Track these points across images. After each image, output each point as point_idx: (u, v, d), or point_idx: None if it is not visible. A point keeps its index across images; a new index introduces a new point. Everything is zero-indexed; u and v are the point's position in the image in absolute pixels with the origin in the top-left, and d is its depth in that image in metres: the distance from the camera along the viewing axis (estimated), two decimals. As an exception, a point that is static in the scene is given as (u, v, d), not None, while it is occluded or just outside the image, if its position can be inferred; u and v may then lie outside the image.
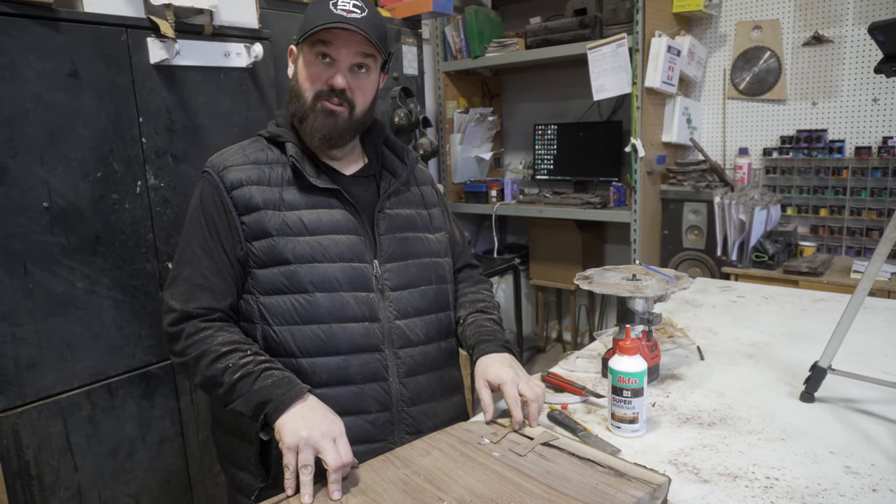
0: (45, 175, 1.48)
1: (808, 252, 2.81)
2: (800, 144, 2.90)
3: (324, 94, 1.14)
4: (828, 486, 0.94)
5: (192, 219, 1.17)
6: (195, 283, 1.12)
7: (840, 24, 2.80)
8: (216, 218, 1.14)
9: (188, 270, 1.13)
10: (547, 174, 3.72)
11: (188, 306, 1.10)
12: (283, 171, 1.17)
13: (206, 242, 1.13)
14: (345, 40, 1.12)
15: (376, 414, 1.15)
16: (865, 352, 1.43)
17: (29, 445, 1.49)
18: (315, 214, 1.14)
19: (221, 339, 1.08)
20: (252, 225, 1.13)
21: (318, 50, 1.13)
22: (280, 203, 1.14)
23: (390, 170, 1.26)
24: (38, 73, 1.46)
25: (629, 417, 1.11)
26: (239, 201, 1.13)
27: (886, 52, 1.05)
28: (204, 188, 1.17)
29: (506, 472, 0.94)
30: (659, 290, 1.29)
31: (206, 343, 1.07)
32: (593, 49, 2.94)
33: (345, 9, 1.11)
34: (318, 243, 1.13)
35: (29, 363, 1.48)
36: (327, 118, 1.15)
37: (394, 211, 1.23)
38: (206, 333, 1.09)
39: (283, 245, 1.12)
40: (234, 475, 1.19)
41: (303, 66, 1.16)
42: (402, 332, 1.18)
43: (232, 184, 1.14)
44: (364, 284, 1.15)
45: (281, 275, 1.12)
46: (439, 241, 1.29)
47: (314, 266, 1.12)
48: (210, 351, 1.06)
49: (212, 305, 1.12)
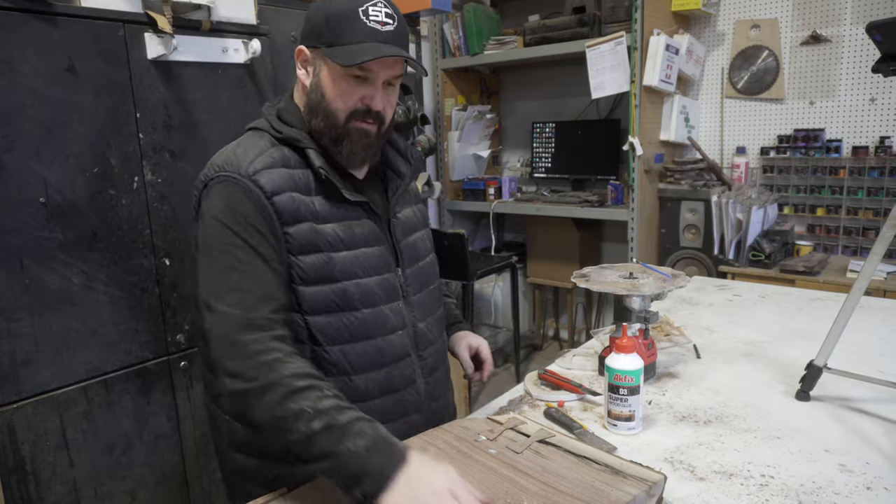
0: (42, 170, 1.48)
1: (804, 251, 2.81)
2: (797, 144, 2.90)
3: (359, 113, 1.06)
4: (823, 484, 0.94)
5: (220, 226, 0.99)
6: (249, 290, 0.95)
7: (838, 23, 2.80)
8: (257, 223, 0.99)
9: (234, 276, 0.96)
10: (545, 172, 3.72)
11: (250, 314, 0.94)
12: (308, 177, 1.06)
13: (250, 248, 0.98)
14: (383, 61, 1.03)
15: (412, 416, 1.16)
16: (861, 351, 1.43)
17: (25, 441, 1.49)
18: (348, 227, 1.08)
19: (294, 368, 0.91)
20: (298, 237, 1.02)
21: (352, 70, 1.03)
22: (316, 214, 1.04)
23: (393, 169, 1.21)
24: (35, 68, 1.45)
25: (625, 415, 1.11)
26: (283, 209, 1.01)
27: (884, 51, 1.05)
28: (231, 193, 1.00)
29: (502, 470, 0.94)
30: (656, 289, 1.29)
31: (276, 371, 0.89)
32: (592, 47, 2.94)
33: (378, 20, 1.01)
34: (356, 258, 1.07)
35: (25, 359, 1.48)
36: (362, 138, 1.07)
37: (402, 214, 1.20)
38: (274, 356, 0.91)
39: (334, 261, 1.04)
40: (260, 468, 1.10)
41: (330, 82, 1.05)
42: (424, 335, 1.18)
43: (272, 189, 1.01)
44: (394, 294, 1.13)
45: (332, 293, 1.04)
46: (429, 235, 1.29)
47: (359, 283, 1.07)
48: (281, 384, 0.88)
49: (275, 317, 0.96)
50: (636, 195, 2.92)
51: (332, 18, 1.02)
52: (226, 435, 1.14)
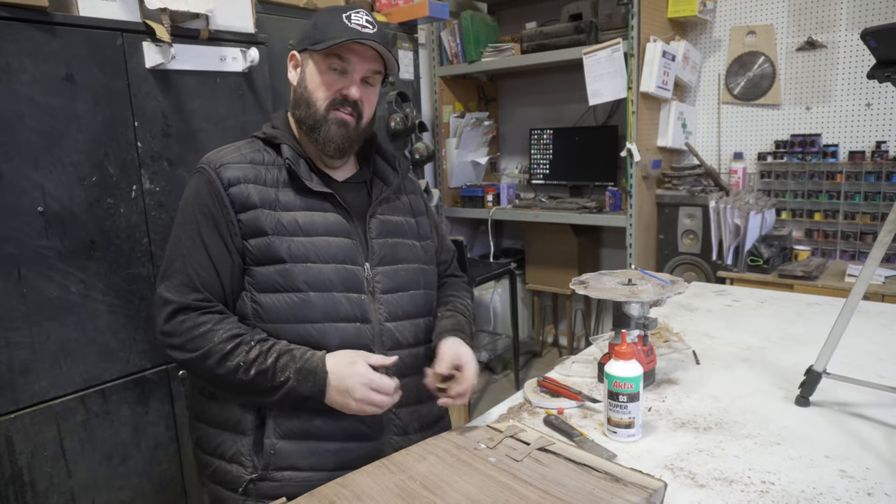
0: (40, 179, 1.48)
1: (802, 256, 2.82)
2: (794, 149, 2.91)
3: (337, 102, 1.17)
4: (823, 490, 0.94)
5: (185, 213, 1.17)
6: (189, 275, 1.12)
7: (833, 29, 2.81)
8: (213, 211, 1.14)
9: (179, 263, 1.14)
10: (543, 178, 3.72)
11: (186, 298, 1.11)
12: (279, 172, 1.18)
13: (200, 236, 1.14)
14: (360, 55, 1.16)
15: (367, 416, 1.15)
16: (860, 356, 1.43)
17: (22, 451, 1.48)
18: (309, 216, 1.16)
19: (222, 333, 1.08)
20: (248, 223, 1.14)
21: (332, 62, 1.16)
22: (276, 203, 1.15)
23: (382, 177, 1.30)
24: (34, 77, 1.45)
25: (625, 422, 1.11)
26: (236, 198, 1.14)
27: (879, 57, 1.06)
28: (199, 184, 1.17)
29: (502, 478, 0.94)
30: (654, 295, 1.29)
31: (209, 340, 1.08)
32: (589, 54, 2.95)
33: (359, 23, 1.15)
34: (312, 244, 1.15)
35: (22, 368, 1.47)
36: (340, 128, 1.18)
37: (385, 217, 1.26)
38: (206, 328, 1.09)
39: (278, 244, 1.13)
40: (219, 469, 1.17)
41: (314, 75, 1.18)
42: (392, 334, 1.19)
43: (229, 181, 1.14)
44: (356, 286, 1.17)
45: (276, 273, 1.13)
46: (426, 248, 1.32)
47: (308, 266, 1.13)
48: (215, 350, 1.07)
49: (208, 297, 1.12)
50: (634, 201, 2.93)
51: (318, 23, 1.18)
52: (191, 408, 1.30)
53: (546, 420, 1.20)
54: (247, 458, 1.13)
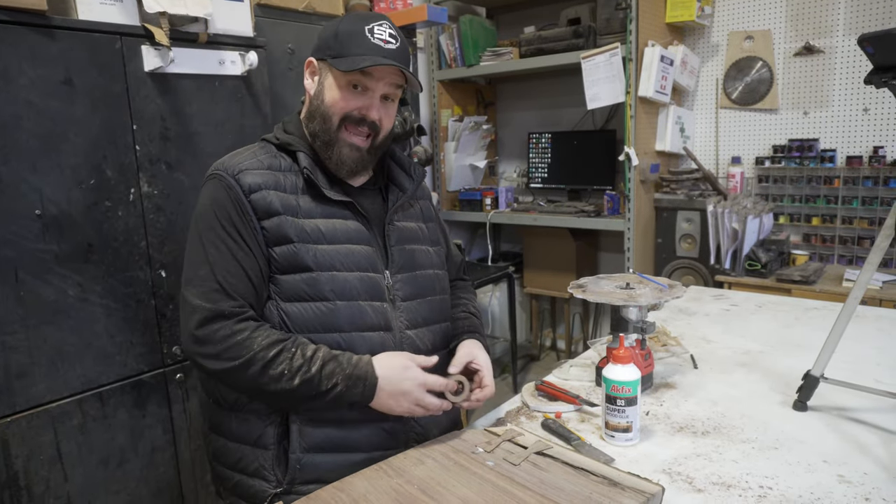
0: (38, 182, 1.47)
1: (800, 260, 2.82)
2: (792, 153, 2.92)
3: (352, 119, 1.15)
4: (821, 495, 0.94)
5: (204, 220, 1.12)
6: (219, 281, 1.08)
7: (831, 34, 2.83)
8: (234, 218, 1.10)
9: (205, 270, 1.09)
10: (541, 182, 3.73)
11: (219, 305, 1.06)
12: (296, 179, 1.16)
13: (224, 243, 1.10)
14: (382, 73, 1.13)
15: (392, 423, 1.15)
16: (857, 360, 1.43)
17: (18, 455, 1.48)
18: (331, 224, 1.14)
19: (262, 340, 1.05)
20: (272, 230, 1.11)
21: (353, 79, 1.13)
22: (297, 210, 1.13)
23: (396, 183, 1.28)
24: (32, 80, 1.45)
25: (623, 426, 1.11)
26: (258, 205, 1.11)
27: (876, 63, 1.06)
28: (216, 190, 1.12)
29: (499, 482, 0.94)
30: (652, 299, 1.30)
31: (249, 348, 1.04)
32: (587, 58, 2.96)
33: (382, 38, 1.11)
34: (336, 252, 1.13)
35: (19, 371, 1.47)
36: (352, 151, 1.16)
37: (402, 223, 1.25)
38: (244, 335, 1.05)
39: (304, 252, 1.10)
40: (241, 483, 1.15)
41: (332, 89, 1.15)
42: (413, 342, 1.19)
43: (250, 187, 1.11)
44: (378, 294, 1.16)
45: (302, 282, 1.11)
46: (438, 254, 1.32)
47: (334, 275, 1.12)
48: (257, 358, 1.04)
49: (243, 304, 1.08)
50: (632, 205, 2.93)
51: (340, 34, 1.13)
52: (207, 419, 1.25)
53: (544, 424, 1.20)
54: (270, 472, 1.12)
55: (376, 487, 0.95)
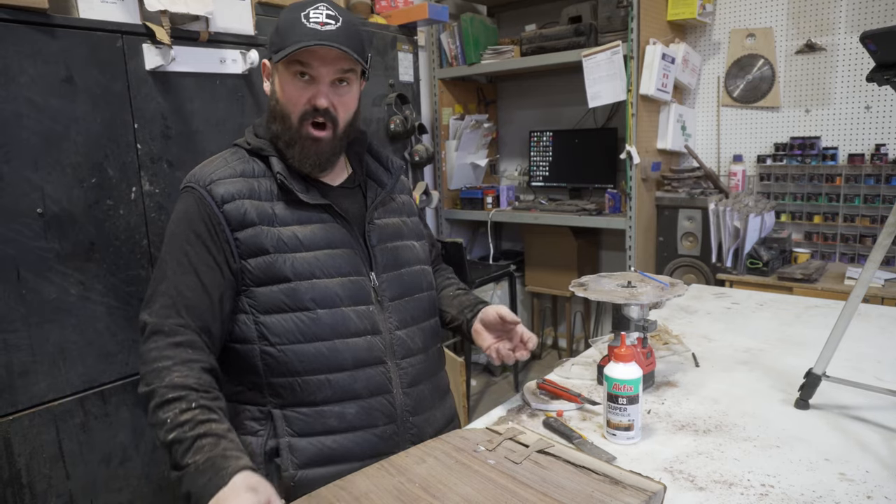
0: (39, 181, 1.48)
1: (802, 259, 2.82)
2: (793, 151, 2.91)
3: (308, 114, 1.11)
4: (823, 494, 0.94)
5: (172, 235, 1.10)
6: (172, 297, 1.04)
7: (833, 32, 2.82)
8: (203, 233, 1.07)
9: (164, 285, 1.06)
10: (542, 181, 3.73)
11: (163, 321, 1.03)
12: (270, 184, 1.13)
13: (187, 256, 1.07)
14: (322, 58, 1.08)
15: (383, 427, 1.14)
16: (859, 358, 1.43)
17: (20, 453, 1.48)
18: (309, 230, 1.12)
19: (174, 378, 0.97)
20: (247, 241, 1.08)
21: (295, 69, 1.09)
22: (273, 218, 1.10)
23: (375, 179, 1.26)
24: (33, 79, 1.45)
25: (624, 425, 1.11)
26: (232, 216, 1.08)
27: (878, 60, 1.06)
28: (188, 204, 1.10)
29: (501, 480, 0.94)
30: (654, 297, 1.29)
31: (160, 379, 0.97)
32: (588, 56, 2.95)
33: (318, 21, 1.07)
34: (315, 259, 1.10)
35: (21, 370, 1.47)
36: (314, 145, 1.13)
37: (382, 221, 1.23)
38: (165, 364, 0.98)
39: (281, 262, 1.08)
40: None
41: (281, 86, 1.12)
42: (404, 342, 1.18)
43: (223, 198, 1.08)
44: (364, 297, 1.14)
45: (281, 293, 1.08)
46: (423, 248, 1.30)
47: (314, 283, 1.09)
48: (157, 393, 0.96)
49: (188, 323, 1.04)
50: (633, 203, 2.93)
51: (279, 26, 1.11)
52: None
53: (545, 422, 1.20)
54: None
55: (378, 486, 0.95)
